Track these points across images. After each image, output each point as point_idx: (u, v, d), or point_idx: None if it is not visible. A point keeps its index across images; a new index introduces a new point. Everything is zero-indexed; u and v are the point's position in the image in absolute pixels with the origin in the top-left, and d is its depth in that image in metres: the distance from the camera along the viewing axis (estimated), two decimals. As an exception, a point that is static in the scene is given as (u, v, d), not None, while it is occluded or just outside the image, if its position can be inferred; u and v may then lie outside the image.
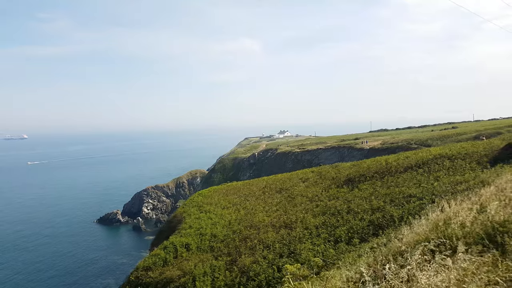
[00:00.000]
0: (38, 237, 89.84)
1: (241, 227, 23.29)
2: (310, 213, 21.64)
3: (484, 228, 4.81)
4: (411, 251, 4.64)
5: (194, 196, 35.98)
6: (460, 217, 5.20)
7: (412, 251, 4.62)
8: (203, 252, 21.07)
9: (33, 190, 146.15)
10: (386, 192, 19.67)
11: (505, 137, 27.22)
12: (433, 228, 5.27)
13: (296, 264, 13.05)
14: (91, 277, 67.30)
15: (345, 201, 21.16)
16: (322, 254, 15.10)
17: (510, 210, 5.17)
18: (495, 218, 4.90)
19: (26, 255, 77.71)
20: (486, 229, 4.77)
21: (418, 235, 5.28)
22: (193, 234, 23.70)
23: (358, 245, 13.79)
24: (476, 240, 4.59)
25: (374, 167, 25.77)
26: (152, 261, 21.16)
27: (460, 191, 13.53)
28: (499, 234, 4.49)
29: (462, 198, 7.20)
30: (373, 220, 16.31)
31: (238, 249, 19.77)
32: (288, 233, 19.60)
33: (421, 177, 20.23)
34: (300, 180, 30.23)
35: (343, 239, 15.93)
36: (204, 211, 29.17)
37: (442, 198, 12.64)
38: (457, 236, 4.78)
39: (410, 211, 14.88)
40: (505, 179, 6.77)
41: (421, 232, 5.39)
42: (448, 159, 22.08)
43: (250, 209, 26.66)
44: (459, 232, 4.81)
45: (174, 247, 22.02)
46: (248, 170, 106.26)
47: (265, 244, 19.11)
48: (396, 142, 62.25)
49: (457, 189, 15.25)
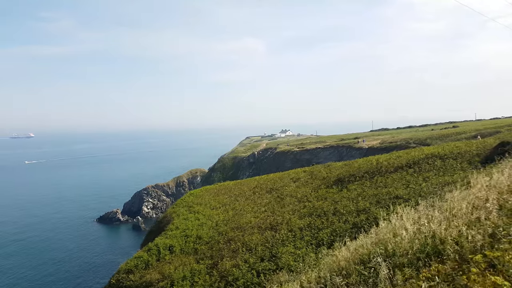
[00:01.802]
0: (36, 236, 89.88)
1: (228, 228, 22.72)
2: (297, 214, 21.03)
3: (422, 245, 4.23)
4: (348, 268, 4.07)
5: (185, 196, 35.47)
6: (403, 231, 4.60)
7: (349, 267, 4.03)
8: (186, 255, 20.50)
9: (33, 189, 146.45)
10: (374, 193, 19.04)
11: (500, 136, 26.46)
12: (377, 242, 4.68)
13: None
14: (88, 276, 67.16)
15: (332, 202, 20.54)
16: (303, 258, 14.52)
17: (456, 222, 4.55)
18: (436, 232, 4.30)
19: (25, 254, 77.74)
20: (423, 247, 4.20)
21: (362, 248, 4.71)
22: (179, 236, 23.16)
23: (331, 250, 13.17)
24: (411, 260, 4.00)
25: (364, 166, 25.09)
26: (134, 264, 20.64)
27: (436, 194, 12.86)
28: (433, 254, 3.89)
29: (426, 203, 6.61)
30: (357, 223, 15.70)
31: (221, 251, 19.21)
32: (272, 235, 19.00)
33: (411, 177, 19.56)
34: (291, 180, 29.60)
35: (325, 242, 15.33)
36: (193, 211, 28.63)
37: (425, 199, 12.01)
38: (397, 253, 4.20)
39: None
40: (479, 185, 6.14)
41: (365, 244, 4.81)
42: (440, 159, 21.38)
43: (239, 210, 26.09)
44: (398, 249, 4.23)
45: (158, 249, 21.50)
46: (247, 169, 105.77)
47: (248, 247, 18.53)
48: (395, 141, 61.43)
49: (444, 190, 14.57)
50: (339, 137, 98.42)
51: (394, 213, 6.04)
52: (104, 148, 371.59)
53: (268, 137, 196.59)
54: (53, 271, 69.37)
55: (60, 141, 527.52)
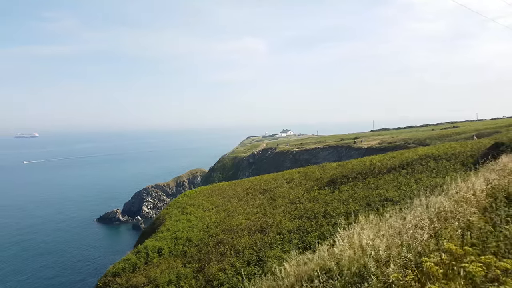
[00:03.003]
0: (36, 236, 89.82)
1: (218, 230, 22.38)
2: (288, 216, 20.66)
3: (360, 268, 3.87)
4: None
5: (179, 197, 35.18)
6: (346, 249, 4.22)
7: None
8: (175, 258, 20.17)
9: (32, 189, 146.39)
10: (365, 195, 18.66)
11: (497, 136, 25.99)
12: (320, 260, 4.32)
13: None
14: (87, 276, 66.96)
15: (323, 204, 20.16)
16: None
17: (399, 241, 4.17)
18: (378, 251, 3.93)
19: (24, 254, 77.66)
20: (360, 271, 3.83)
21: (306, 264, 4.34)
22: (169, 238, 22.84)
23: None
24: (345, 285, 3.64)
25: (358, 167, 24.68)
26: (121, 267, 20.32)
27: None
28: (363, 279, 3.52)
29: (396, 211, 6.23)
30: (345, 226, 15.28)
31: (209, 255, 18.86)
32: (261, 238, 18.65)
33: (403, 178, 19.16)
34: (285, 181, 29.22)
35: (311, 246, 14.94)
36: (186, 213, 28.31)
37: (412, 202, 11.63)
38: (334, 275, 3.84)
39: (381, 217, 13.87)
40: (454, 190, 5.77)
41: (309, 261, 4.44)
42: (434, 160, 20.95)
43: (231, 211, 25.75)
44: (337, 270, 3.87)
45: (146, 252, 21.17)
46: (247, 169, 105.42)
47: (236, 250, 18.18)
48: (394, 141, 60.93)
49: (433, 193, 14.17)
50: (339, 137, 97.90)
51: (357, 222, 5.67)
52: (105, 148, 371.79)
53: (269, 137, 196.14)
54: (52, 270, 69.27)
55: (63, 141, 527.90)
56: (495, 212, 4.12)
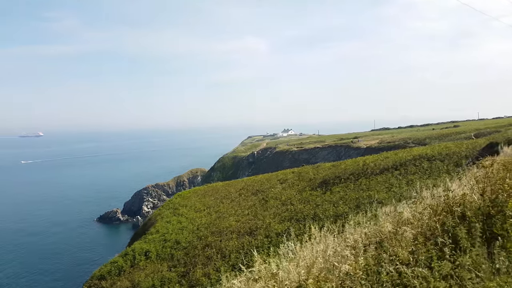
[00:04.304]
0: (35, 236, 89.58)
1: (208, 232, 21.91)
2: (278, 218, 20.18)
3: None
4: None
5: (173, 198, 34.75)
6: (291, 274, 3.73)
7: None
8: (161, 261, 19.72)
9: (30, 189, 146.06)
10: (356, 196, 18.16)
11: (494, 136, 25.37)
12: (270, 277, 3.83)
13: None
14: (85, 276, 66.60)
15: (314, 206, 19.66)
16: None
17: (326, 265, 3.68)
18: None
19: (23, 254, 77.38)
20: None
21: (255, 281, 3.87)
22: (157, 240, 22.40)
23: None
24: None
25: (351, 168, 24.15)
26: (107, 270, 19.91)
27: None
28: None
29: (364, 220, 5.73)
30: (333, 230, 14.77)
31: (196, 258, 18.41)
32: (249, 241, 18.18)
33: (395, 180, 18.63)
34: (278, 182, 28.71)
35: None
36: (177, 214, 27.87)
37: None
38: None
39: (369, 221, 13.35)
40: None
41: (258, 277, 3.96)
42: (428, 160, 20.38)
43: (222, 213, 25.27)
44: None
45: (133, 255, 20.73)
46: (247, 169, 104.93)
47: (223, 253, 17.73)
48: (393, 141, 60.28)
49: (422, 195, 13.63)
50: (339, 137, 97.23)
51: (307, 235, 5.16)
52: (106, 147, 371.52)
53: (270, 136, 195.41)
54: (51, 270, 68.93)
55: (65, 140, 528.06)
56: (433, 240, 3.61)
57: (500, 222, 3.77)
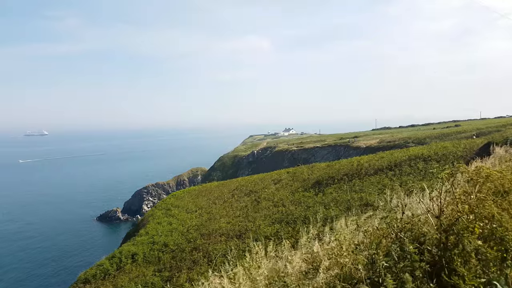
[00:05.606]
0: (35, 235, 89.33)
1: (197, 234, 21.33)
2: (268, 220, 19.58)
3: None
4: None
5: (167, 198, 34.21)
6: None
7: None
8: (148, 264, 19.14)
9: (28, 189, 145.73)
10: (348, 198, 17.53)
11: (493, 136, 24.64)
12: None
13: None
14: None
15: (305, 208, 19.05)
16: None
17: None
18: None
19: (23, 253, 77.07)
20: None
21: None
22: (145, 242, 21.81)
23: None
24: None
25: (345, 168, 23.49)
26: (93, 273, 19.36)
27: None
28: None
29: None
30: (319, 233, 14.14)
31: (182, 262, 17.82)
32: (237, 244, 17.59)
33: (388, 181, 17.99)
34: (272, 182, 28.08)
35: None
36: (169, 215, 27.30)
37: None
38: None
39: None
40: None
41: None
42: (423, 161, 19.71)
43: (214, 214, 24.68)
44: None
45: (120, 258, 20.16)
46: (247, 168, 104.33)
47: (209, 257, 17.14)
48: (393, 140, 59.48)
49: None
50: (339, 136, 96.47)
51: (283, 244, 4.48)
52: (108, 146, 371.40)
53: (271, 135, 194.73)
54: (50, 270, 68.59)
55: (69, 139, 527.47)
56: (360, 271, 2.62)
57: (460, 259, 2.58)
